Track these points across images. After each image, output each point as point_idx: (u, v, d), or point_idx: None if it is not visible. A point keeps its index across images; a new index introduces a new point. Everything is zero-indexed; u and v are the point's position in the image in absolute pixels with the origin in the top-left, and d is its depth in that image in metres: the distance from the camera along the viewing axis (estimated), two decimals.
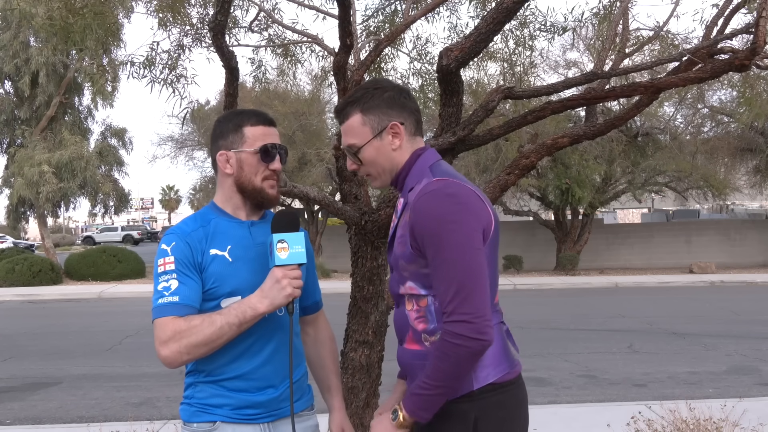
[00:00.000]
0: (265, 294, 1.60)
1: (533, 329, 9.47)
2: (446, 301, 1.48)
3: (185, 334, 1.57)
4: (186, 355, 1.59)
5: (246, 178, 1.75)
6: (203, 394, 1.71)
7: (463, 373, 1.50)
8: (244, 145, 1.75)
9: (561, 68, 16.27)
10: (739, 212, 35.24)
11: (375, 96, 1.65)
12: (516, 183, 3.45)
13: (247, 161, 1.75)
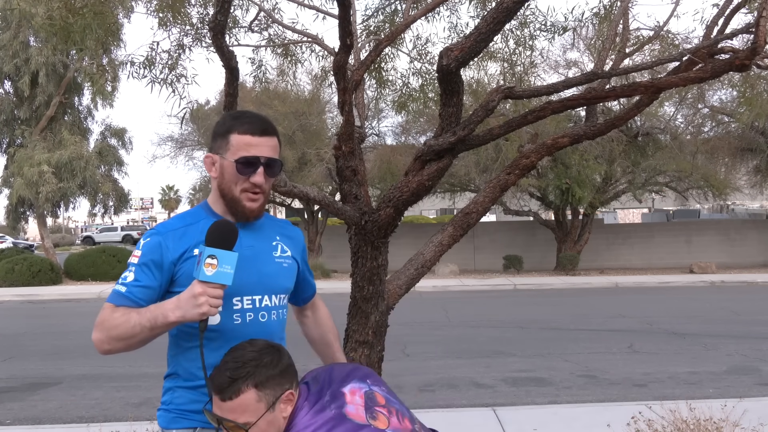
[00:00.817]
0: (179, 305, 1.55)
1: (533, 329, 9.47)
2: None
3: (107, 325, 1.63)
4: (107, 344, 1.64)
5: (226, 185, 1.71)
6: (182, 400, 1.71)
7: None
8: (227, 153, 1.69)
9: (561, 68, 16.29)
10: (739, 212, 35.24)
11: (269, 367, 1.56)
12: (516, 183, 3.45)
13: (228, 169, 1.69)
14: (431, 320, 10.43)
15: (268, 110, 16.60)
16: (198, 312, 1.53)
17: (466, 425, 4.75)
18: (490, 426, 4.69)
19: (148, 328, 1.58)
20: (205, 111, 18.71)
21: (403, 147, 17.58)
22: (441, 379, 6.39)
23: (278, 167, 1.73)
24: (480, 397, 5.80)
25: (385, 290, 3.11)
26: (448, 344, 8.19)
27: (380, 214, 3.00)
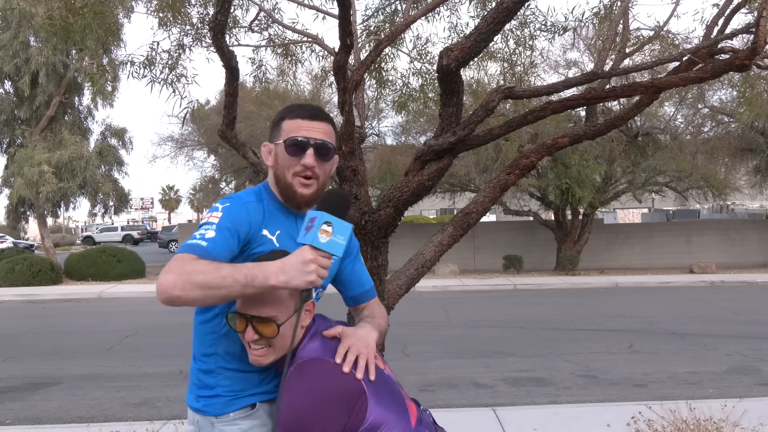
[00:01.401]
0: (285, 269, 1.46)
1: (533, 329, 9.47)
2: None
3: (190, 270, 1.46)
4: (179, 289, 1.45)
5: (280, 171, 1.71)
6: (229, 381, 1.68)
7: None
8: (279, 138, 1.72)
9: (561, 68, 16.28)
10: (739, 212, 35.24)
11: None
12: (516, 183, 3.45)
13: (281, 154, 1.71)
14: (431, 320, 10.43)
15: (268, 110, 16.61)
16: (306, 280, 1.46)
17: (466, 425, 4.75)
18: (490, 426, 4.69)
19: (241, 284, 1.45)
20: (206, 111, 18.71)
21: (403, 147, 17.58)
22: (441, 379, 6.39)
23: (331, 152, 1.72)
24: (480, 397, 5.80)
25: (385, 290, 3.12)
26: (448, 344, 8.19)
27: (380, 214, 3.00)
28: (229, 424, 1.67)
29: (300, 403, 1.47)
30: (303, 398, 1.47)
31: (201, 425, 1.73)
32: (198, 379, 1.73)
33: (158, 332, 9.64)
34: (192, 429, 1.77)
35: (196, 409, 1.74)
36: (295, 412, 1.46)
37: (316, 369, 1.52)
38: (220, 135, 3.63)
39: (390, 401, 1.59)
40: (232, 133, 3.58)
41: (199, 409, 1.72)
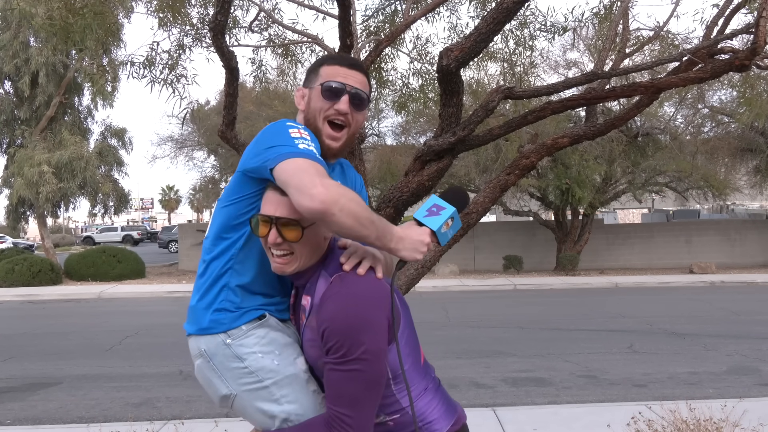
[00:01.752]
0: (403, 238, 1.51)
1: (533, 329, 9.47)
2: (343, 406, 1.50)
3: (350, 196, 1.41)
4: (338, 209, 1.37)
5: (312, 115, 1.70)
6: (240, 299, 1.65)
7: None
8: (316, 82, 1.70)
9: (561, 68, 16.28)
10: (739, 212, 35.25)
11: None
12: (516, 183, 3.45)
13: (314, 97, 1.70)
14: (431, 320, 10.43)
15: (268, 110, 16.61)
16: (414, 256, 1.52)
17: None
18: (490, 426, 4.69)
19: (376, 234, 1.46)
20: (206, 111, 18.71)
21: (403, 147, 17.58)
22: (441, 379, 6.38)
23: (364, 103, 1.71)
24: (480, 397, 5.80)
25: None
26: (448, 344, 8.19)
27: (380, 215, 2.99)
28: (245, 337, 1.63)
29: (341, 304, 1.48)
30: (344, 301, 1.48)
31: (211, 353, 1.65)
32: (200, 307, 1.68)
33: (158, 332, 9.64)
34: (200, 363, 1.68)
35: (202, 330, 1.66)
36: (340, 316, 1.47)
37: (353, 276, 1.53)
38: (220, 135, 3.63)
39: (408, 321, 1.65)
40: (232, 133, 3.58)
41: (205, 329, 1.66)
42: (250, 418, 1.68)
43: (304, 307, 1.62)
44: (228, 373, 1.64)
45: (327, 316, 1.48)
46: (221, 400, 1.68)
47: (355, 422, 1.49)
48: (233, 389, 1.65)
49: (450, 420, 1.66)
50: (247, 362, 1.62)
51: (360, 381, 1.48)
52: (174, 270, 21.71)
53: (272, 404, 1.62)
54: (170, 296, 15.12)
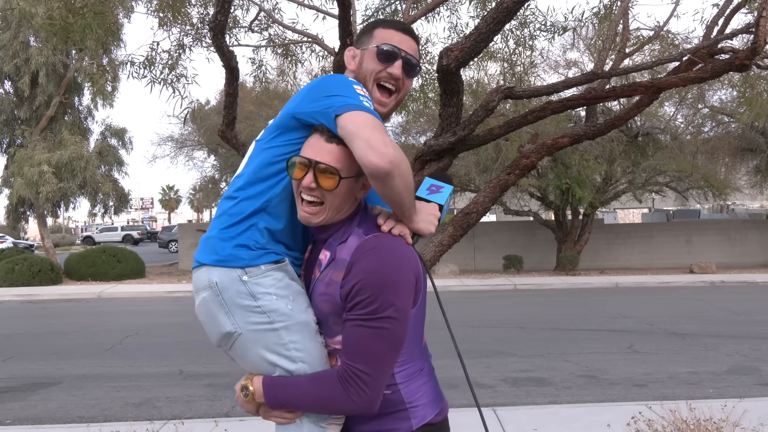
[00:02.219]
0: (420, 211, 1.59)
1: (533, 329, 9.47)
2: (362, 363, 1.49)
3: (403, 156, 1.44)
4: (398, 173, 1.42)
5: (362, 76, 1.69)
6: (265, 240, 1.61)
7: (329, 411, 1.56)
8: (370, 44, 1.70)
9: (561, 68, 16.28)
10: (739, 212, 35.25)
11: None
12: (516, 183, 3.45)
13: (367, 58, 1.70)
14: (431, 320, 10.40)
15: (268, 110, 16.61)
16: (429, 229, 1.60)
17: (466, 425, 4.74)
18: (491, 426, 4.68)
19: (412, 201, 1.53)
20: (206, 111, 18.68)
21: (404, 147, 17.56)
22: (441, 379, 6.34)
23: (415, 69, 1.73)
24: (480, 396, 5.80)
25: None
26: (447, 344, 8.17)
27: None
28: (262, 276, 1.58)
29: (376, 261, 1.49)
30: (378, 258, 1.49)
31: (222, 287, 1.58)
32: (220, 238, 1.62)
33: (158, 332, 9.64)
34: (207, 295, 1.60)
35: (218, 261, 1.60)
36: (374, 271, 1.48)
37: (389, 237, 1.55)
38: (220, 135, 3.63)
39: (424, 295, 1.65)
40: (232, 133, 3.58)
41: (222, 260, 1.59)
42: (248, 362, 1.64)
43: (321, 261, 1.60)
44: (237, 309, 1.57)
45: (361, 270, 1.48)
46: (222, 338, 1.62)
47: (372, 381, 1.48)
48: (239, 327, 1.58)
49: (436, 409, 1.66)
50: (261, 302, 1.57)
51: (385, 339, 1.48)
52: (174, 270, 21.72)
53: (278, 349, 1.57)
54: (170, 296, 15.12)
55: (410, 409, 1.60)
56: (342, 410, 1.53)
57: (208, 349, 8.16)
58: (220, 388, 6.23)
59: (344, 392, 1.49)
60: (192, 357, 7.70)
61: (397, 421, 1.59)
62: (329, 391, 1.51)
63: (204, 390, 6.18)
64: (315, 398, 1.53)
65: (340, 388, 1.50)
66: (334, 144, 1.52)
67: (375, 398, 1.50)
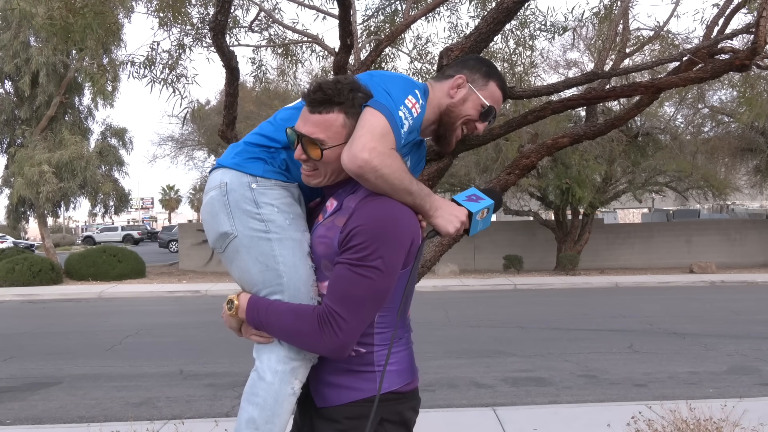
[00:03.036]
0: (442, 209, 1.62)
1: (533, 329, 9.47)
2: (341, 308, 1.52)
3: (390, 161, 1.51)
4: (375, 176, 1.50)
5: (456, 112, 1.76)
6: (283, 168, 1.69)
7: (300, 345, 1.57)
8: (482, 92, 1.76)
9: (561, 68, 16.27)
10: (739, 212, 35.25)
11: (357, 100, 1.59)
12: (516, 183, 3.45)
13: (473, 101, 1.76)
14: (431, 320, 10.43)
15: (268, 110, 16.60)
16: (446, 226, 1.62)
17: (466, 425, 4.76)
18: (490, 426, 4.69)
19: (416, 200, 1.58)
20: (206, 111, 18.70)
21: None
22: (441, 379, 6.39)
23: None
24: (480, 397, 5.80)
25: None
26: (448, 344, 8.19)
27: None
28: (269, 188, 1.65)
29: (379, 211, 1.53)
30: (382, 209, 1.54)
31: (230, 188, 1.65)
32: (245, 141, 1.70)
33: (158, 332, 9.65)
34: (214, 194, 1.67)
35: (234, 164, 1.67)
36: (374, 219, 1.52)
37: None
38: (221, 135, 3.63)
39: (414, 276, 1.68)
40: (233, 133, 3.58)
41: (238, 164, 1.67)
42: (237, 267, 1.65)
43: (326, 209, 1.66)
44: (239, 212, 1.63)
45: (362, 216, 1.53)
46: (218, 238, 1.66)
47: (347, 326, 1.51)
48: (237, 229, 1.63)
49: (406, 379, 1.68)
50: (262, 210, 1.63)
51: (367, 288, 1.50)
52: (174, 270, 21.72)
53: (267, 260, 1.61)
54: (170, 296, 15.12)
55: (377, 372, 1.62)
56: (312, 348, 1.56)
57: (208, 349, 8.17)
58: (220, 388, 6.24)
59: (318, 331, 1.52)
60: (192, 357, 7.70)
61: (363, 381, 1.61)
62: (305, 326, 1.54)
63: (204, 390, 6.19)
64: (290, 329, 1.56)
65: (316, 326, 1.52)
66: (317, 114, 1.57)
67: (346, 344, 1.52)
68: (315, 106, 1.58)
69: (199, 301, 14.01)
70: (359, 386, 1.61)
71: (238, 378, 6.53)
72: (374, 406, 1.56)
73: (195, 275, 19.57)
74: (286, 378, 1.61)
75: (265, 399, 1.61)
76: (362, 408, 1.59)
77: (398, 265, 1.54)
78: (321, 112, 1.57)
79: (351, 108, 1.59)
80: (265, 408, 1.62)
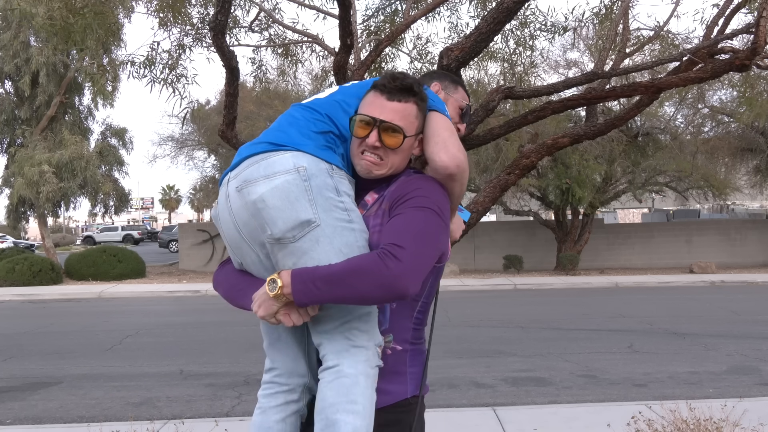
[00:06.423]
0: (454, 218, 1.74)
1: (533, 329, 9.47)
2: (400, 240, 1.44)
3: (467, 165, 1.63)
4: (461, 177, 1.60)
5: None
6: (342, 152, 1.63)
7: (360, 288, 1.42)
8: (455, 95, 1.92)
9: (561, 68, 16.27)
10: (739, 212, 35.24)
11: (425, 95, 1.63)
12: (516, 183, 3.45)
13: (451, 107, 1.89)
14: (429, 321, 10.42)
15: (268, 110, 16.61)
16: (456, 235, 1.79)
17: (466, 425, 4.76)
18: (490, 426, 4.69)
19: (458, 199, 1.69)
20: (206, 111, 18.70)
21: None
22: (441, 379, 6.39)
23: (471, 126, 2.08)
24: (480, 396, 5.81)
25: None
26: (448, 344, 8.19)
27: None
28: (343, 178, 1.59)
29: (436, 191, 1.57)
30: (434, 182, 1.60)
31: (311, 173, 1.52)
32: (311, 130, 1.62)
33: (158, 332, 9.65)
34: (290, 179, 1.51)
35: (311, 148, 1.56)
36: (431, 182, 1.58)
37: None
38: (221, 135, 3.63)
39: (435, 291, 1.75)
40: (233, 133, 3.59)
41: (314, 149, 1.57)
42: (312, 261, 1.49)
43: (366, 203, 1.64)
44: (322, 200, 1.51)
45: (415, 179, 1.59)
46: (295, 226, 1.49)
47: (406, 254, 1.41)
48: (320, 218, 1.49)
49: (424, 384, 1.67)
50: (343, 199, 1.55)
51: (430, 224, 1.49)
52: (174, 270, 21.72)
53: (353, 251, 1.51)
54: (171, 296, 15.13)
55: (408, 374, 1.61)
56: (376, 282, 1.40)
57: (208, 349, 8.17)
58: (220, 387, 6.24)
59: (380, 263, 1.40)
60: (192, 357, 7.70)
61: (392, 384, 1.58)
62: (363, 261, 1.43)
63: (204, 390, 6.19)
64: (346, 270, 1.42)
65: (375, 259, 1.42)
66: (396, 102, 1.56)
67: (410, 273, 1.40)
68: (394, 93, 1.56)
69: (199, 301, 14.01)
70: (390, 389, 1.58)
71: (238, 378, 6.54)
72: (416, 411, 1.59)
73: (195, 275, 19.57)
74: (373, 383, 1.53)
75: (364, 405, 1.49)
76: (391, 414, 1.56)
77: (447, 230, 1.57)
78: (401, 100, 1.56)
79: (421, 101, 1.60)
80: (365, 416, 1.50)
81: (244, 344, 8.39)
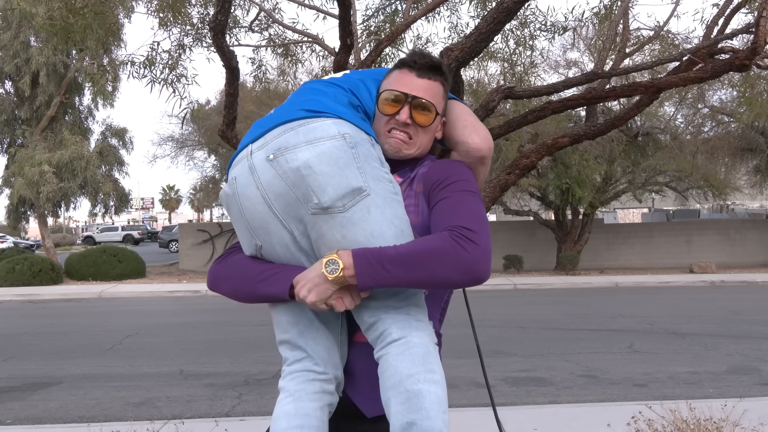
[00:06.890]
0: None
1: (533, 329, 9.47)
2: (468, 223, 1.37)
3: None
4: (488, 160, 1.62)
5: None
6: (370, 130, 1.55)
7: (437, 271, 1.32)
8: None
9: (561, 68, 16.26)
10: (739, 212, 35.24)
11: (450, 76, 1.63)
12: (516, 183, 3.45)
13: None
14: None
15: (268, 110, 16.55)
16: None
17: (466, 425, 4.76)
18: (490, 426, 4.68)
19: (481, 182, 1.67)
20: (206, 111, 18.71)
21: None
22: None
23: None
24: (480, 397, 5.80)
25: None
26: (448, 344, 8.15)
27: None
28: (380, 151, 1.51)
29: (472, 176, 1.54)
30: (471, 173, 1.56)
31: (356, 141, 1.41)
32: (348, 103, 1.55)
33: (158, 332, 9.65)
34: (337, 144, 1.39)
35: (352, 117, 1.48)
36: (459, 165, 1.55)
37: None
38: (221, 135, 3.63)
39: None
40: (233, 133, 3.59)
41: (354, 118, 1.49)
42: (364, 233, 1.39)
43: None
44: (369, 168, 1.41)
45: (449, 162, 1.57)
46: (346, 194, 1.38)
47: (479, 237, 1.35)
48: (371, 186, 1.40)
49: None
50: (387, 170, 1.47)
51: (480, 207, 1.44)
52: (174, 270, 21.72)
53: (401, 223, 1.43)
54: (171, 296, 15.13)
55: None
56: (455, 265, 1.32)
57: (208, 349, 8.17)
58: (220, 388, 6.24)
59: (455, 244, 1.33)
60: (192, 357, 7.70)
61: None
62: (437, 243, 1.34)
63: (204, 390, 6.19)
64: (419, 251, 1.33)
65: (451, 241, 1.33)
66: (425, 80, 1.52)
67: (487, 256, 1.35)
68: (424, 71, 1.51)
69: (199, 301, 14.01)
70: None
71: (238, 378, 6.53)
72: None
73: (195, 275, 19.57)
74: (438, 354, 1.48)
75: (441, 375, 1.42)
76: None
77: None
78: (430, 78, 1.52)
79: (446, 82, 1.57)
80: (443, 384, 1.42)
81: (244, 344, 8.39)
